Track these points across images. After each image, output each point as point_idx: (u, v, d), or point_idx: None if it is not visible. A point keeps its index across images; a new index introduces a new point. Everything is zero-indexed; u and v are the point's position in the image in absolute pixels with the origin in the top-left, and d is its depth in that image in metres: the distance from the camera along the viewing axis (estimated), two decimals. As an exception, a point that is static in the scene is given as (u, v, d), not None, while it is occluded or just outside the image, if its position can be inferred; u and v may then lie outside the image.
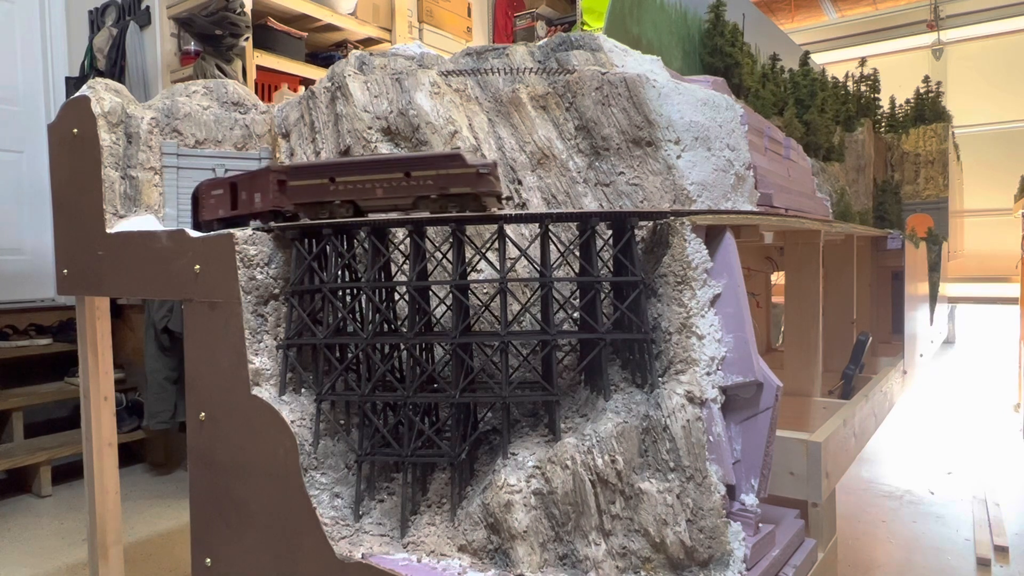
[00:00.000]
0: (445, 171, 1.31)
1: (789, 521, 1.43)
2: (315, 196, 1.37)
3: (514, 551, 1.15)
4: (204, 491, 1.52)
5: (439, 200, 1.32)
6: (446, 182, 1.32)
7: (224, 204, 1.57)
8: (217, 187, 1.59)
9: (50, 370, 4.20)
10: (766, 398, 1.27)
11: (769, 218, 1.51)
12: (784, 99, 3.23)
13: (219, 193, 1.58)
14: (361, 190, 1.35)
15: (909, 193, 4.93)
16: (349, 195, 1.35)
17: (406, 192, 1.34)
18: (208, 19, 3.57)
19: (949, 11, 10.03)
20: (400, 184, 1.33)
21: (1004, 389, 5.90)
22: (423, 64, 1.81)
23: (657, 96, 1.56)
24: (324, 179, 1.35)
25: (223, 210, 1.57)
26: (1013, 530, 3.06)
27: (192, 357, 1.53)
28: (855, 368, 2.52)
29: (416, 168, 1.33)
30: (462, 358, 1.24)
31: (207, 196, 1.62)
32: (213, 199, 1.60)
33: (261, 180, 1.46)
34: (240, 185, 1.53)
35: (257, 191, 1.47)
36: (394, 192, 1.34)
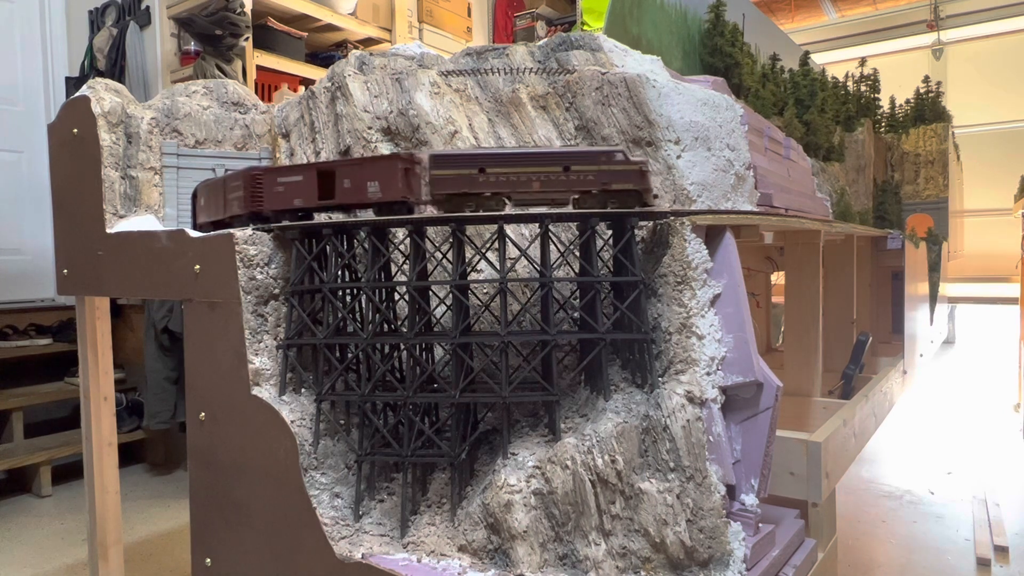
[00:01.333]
0: (608, 167, 1.30)
1: (789, 521, 1.43)
2: (462, 187, 1.30)
3: (514, 551, 1.15)
4: (204, 491, 1.52)
5: (600, 196, 1.31)
6: (609, 178, 1.30)
7: (305, 192, 1.40)
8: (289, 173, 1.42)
9: (50, 370, 4.20)
10: (766, 398, 1.27)
11: (769, 218, 1.51)
12: (784, 99, 3.23)
13: (296, 180, 1.41)
14: (515, 183, 1.31)
15: (909, 193, 4.93)
16: (501, 187, 1.30)
17: (565, 187, 1.32)
18: (208, 19, 3.57)
19: (949, 11, 10.02)
20: (559, 178, 1.31)
21: (1004, 389, 5.90)
22: (423, 64, 1.81)
23: (657, 96, 1.56)
24: (473, 169, 1.29)
25: (302, 199, 1.41)
26: (1013, 530, 3.06)
27: (192, 357, 1.53)
28: (855, 368, 2.52)
29: (577, 162, 1.31)
30: (462, 358, 1.24)
31: (270, 183, 1.42)
32: (282, 186, 1.42)
33: (382, 167, 1.34)
34: (343, 171, 1.37)
35: (373, 179, 1.35)
36: (552, 186, 1.31)
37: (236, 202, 1.46)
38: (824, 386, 2.42)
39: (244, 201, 1.44)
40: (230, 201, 1.48)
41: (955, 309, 7.86)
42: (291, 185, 1.41)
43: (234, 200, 1.47)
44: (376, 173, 1.34)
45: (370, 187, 1.34)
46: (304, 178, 1.40)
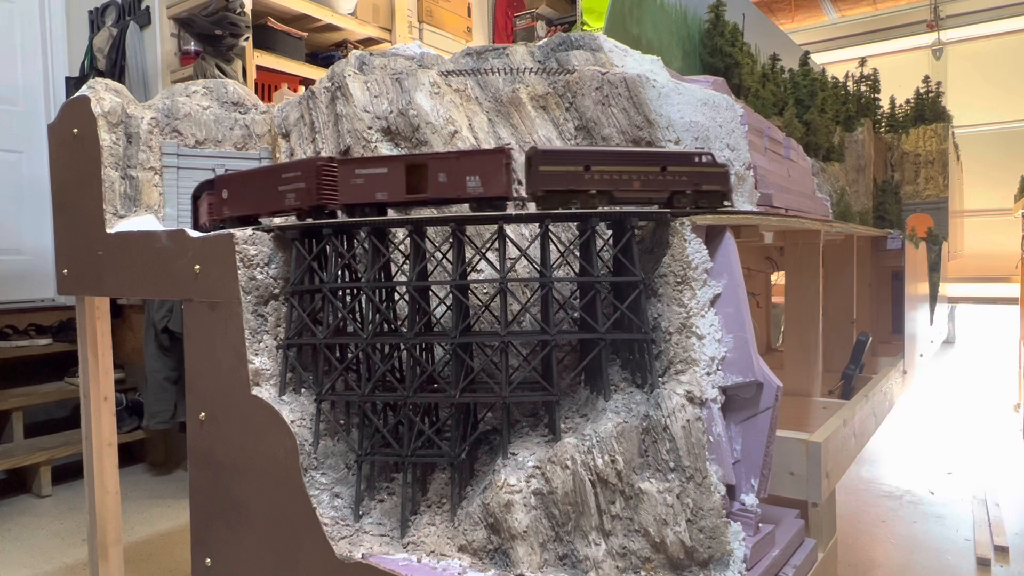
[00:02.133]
0: (700, 168, 1.36)
1: (789, 521, 1.43)
2: (569, 184, 1.31)
3: (514, 551, 1.15)
4: (204, 491, 1.52)
5: (692, 196, 1.36)
6: (700, 179, 1.37)
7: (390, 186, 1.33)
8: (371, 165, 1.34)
9: (50, 370, 4.20)
10: (766, 398, 1.27)
11: (769, 218, 1.51)
12: (784, 99, 3.23)
13: (379, 172, 1.34)
14: (619, 181, 1.34)
15: (909, 193, 4.93)
16: (606, 185, 1.33)
17: (662, 187, 1.36)
18: (208, 19, 3.57)
19: (949, 11, 10.02)
20: (656, 178, 1.36)
21: (1004, 389, 5.90)
22: (423, 64, 1.81)
23: (657, 96, 1.56)
24: (579, 167, 1.31)
25: (387, 193, 1.34)
26: (1013, 530, 3.06)
27: (192, 357, 1.53)
28: (855, 368, 2.52)
29: (674, 163, 1.36)
30: (462, 358, 1.24)
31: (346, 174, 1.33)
32: (361, 178, 1.34)
33: (485, 160, 1.30)
34: (438, 164, 1.31)
35: (474, 173, 1.30)
36: (650, 185, 1.35)
37: (296, 194, 1.36)
38: (824, 386, 2.42)
39: (309, 193, 1.34)
40: (283, 193, 1.38)
41: (955, 309, 7.86)
42: (373, 177, 1.34)
43: (292, 192, 1.37)
44: (477, 167, 1.30)
45: (470, 182, 1.30)
46: (390, 170, 1.33)
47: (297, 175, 1.36)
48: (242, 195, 1.47)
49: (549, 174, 1.30)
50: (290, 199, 1.37)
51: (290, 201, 1.37)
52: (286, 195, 1.38)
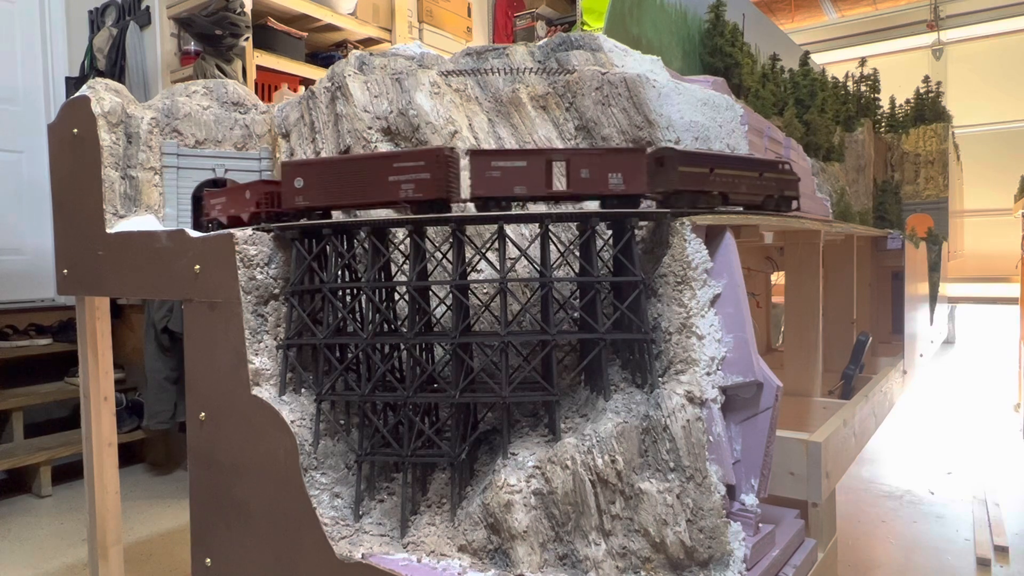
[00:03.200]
0: (782, 175, 1.51)
1: (789, 521, 1.43)
2: (698, 184, 1.35)
3: (514, 551, 1.15)
4: (204, 491, 1.52)
5: (777, 200, 1.50)
6: (783, 185, 1.50)
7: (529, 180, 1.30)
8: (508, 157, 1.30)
9: (50, 370, 4.20)
10: (766, 398, 1.27)
11: (769, 218, 1.51)
12: (784, 99, 3.23)
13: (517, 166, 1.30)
14: (731, 184, 1.42)
15: (909, 193, 4.93)
16: (722, 187, 1.39)
17: (759, 190, 1.47)
18: (208, 19, 3.57)
19: (949, 11, 10.02)
20: (756, 182, 1.46)
21: (1004, 389, 5.90)
22: (423, 64, 1.81)
23: (657, 96, 1.56)
24: (705, 169, 1.37)
25: (525, 187, 1.31)
26: (1013, 530, 3.06)
27: (192, 357, 1.53)
28: (855, 368, 2.52)
29: (768, 169, 1.49)
30: (462, 358, 1.24)
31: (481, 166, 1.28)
32: (498, 171, 1.30)
33: (628, 158, 1.30)
34: (580, 160, 1.30)
35: (617, 170, 1.30)
36: (753, 189, 1.46)
37: (416, 185, 1.29)
38: (824, 386, 2.42)
39: (436, 184, 1.27)
40: (396, 184, 1.30)
41: (955, 309, 7.86)
42: (511, 171, 1.30)
43: (410, 182, 1.30)
44: (620, 164, 1.30)
45: (612, 179, 1.30)
46: (529, 164, 1.30)
47: (419, 164, 1.29)
48: (328, 184, 1.35)
49: (684, 174, 1.33)
50: (407, 190, 1.29)
51: (407, 192, 1.29)
52: (401, 185, 1.30)
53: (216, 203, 1.65)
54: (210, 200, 1.67)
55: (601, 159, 1.30)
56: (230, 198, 1.59)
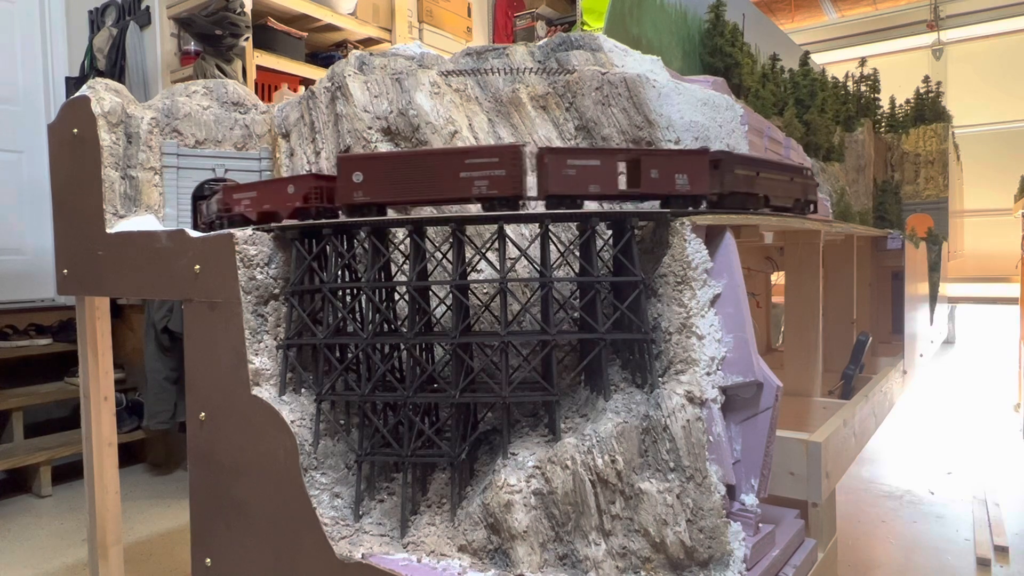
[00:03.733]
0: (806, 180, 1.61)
1: (789, 521, 1.43)
2: (749, 187, 1.42)
3: (514, 551, 1.15)
4: (204, 491, 1.52)
5: (803, 203, 1.60)
6: (808, 190, 1.60)
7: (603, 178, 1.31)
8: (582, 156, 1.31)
9: (50, 370, 4.20)
10: (766, 398, 1.27)
11: (769, 218, 1.51)
12: (784, 99, 3.23)
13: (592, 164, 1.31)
14: (772, 187, 1.49)
15: (909, 193, 4.93)
16: (765, 190, 1.46)
17: (791, 194, 1.57)
18: (208, 19, 3.57)
19: (949, 11, 10.02)
20: (788, 186, 1.55)
21: (1004, 389, 5.90)
22: (423, 64, 1.81)
23: (657, 96, 1.56)
24: (754, 172, 1.43)
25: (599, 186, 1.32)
26: (1013, 530, 3.06)
27: (192, 357, 1.53)
28: (855, 368, 2.52)
29: (797, 175, 1.60)
30: (462, 358, 1.24)
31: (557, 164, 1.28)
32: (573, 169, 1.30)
33: (692, 160, 1.34)
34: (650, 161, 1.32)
35: (682, 171, 1.34)
36: (786, 192, 1.55)
37: (490, 181, 1.27)
38: (824, 386, 2.42)
39: (513, 181, 1.26)
40: (469, 180, 1.28)
41: (955, 309, 7.86)
42: (586, 169, 1.30)
43: (484, 179, 1.27)
44: (685, 166, 1.33)
45: (678, 179, 1.33)
46: (603, 163, 1.31)
47: (494, 161, 1.26)
48: (392, 179, 1.31)
49: (737, 177, 1.39)
50: (480, 187, 1.27)
51: (480, 189, 1.27)
52: (474, 182, 1.27)
53: (242, 198, 1.53)
54: (232, 195, 1.55)
55: (669, 160, 1.33)
56: (264, 192, 1.49)
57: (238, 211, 1.54)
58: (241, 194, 1.54)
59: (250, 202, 1.52)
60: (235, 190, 1.56)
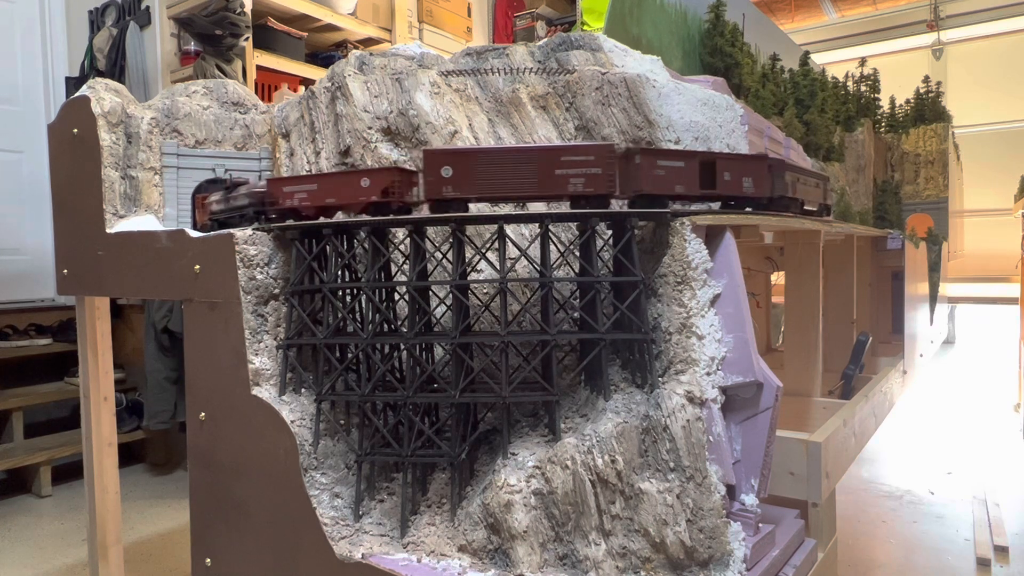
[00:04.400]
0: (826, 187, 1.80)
1: (789, 521, 1.43)
2: (793, 191, 1.54)
3: (514, 551, 1.15)
4: (204, 491, 1.52)
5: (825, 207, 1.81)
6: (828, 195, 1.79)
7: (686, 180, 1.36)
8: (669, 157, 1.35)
9: (50, 370, 4.20)
10: (766, 398, 1.27)
11: (769, 218, 1.51)
12: (784, 99, 3.23)
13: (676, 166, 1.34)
14: (807, 191, 1.62)
15: (909, 193, 4.93)
16: (802, 194, 1.61)
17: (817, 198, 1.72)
18: (208, 19, 3.57)
19: (949, 11, 10.02)
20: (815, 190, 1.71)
21: (1004, 389, 5.90)
22: (423, 64, 1.81)
23: (657, 96, 1.56)
24: (796, 177, 1.58)
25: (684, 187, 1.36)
26: (1013, 530, 3.06)
27: (192, 357, 1.53)
28: (855, 368, 2.52)
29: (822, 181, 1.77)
30: (462, 358, 1.24)
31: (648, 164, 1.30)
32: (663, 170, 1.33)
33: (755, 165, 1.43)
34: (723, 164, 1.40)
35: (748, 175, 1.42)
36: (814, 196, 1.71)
37: (586, 179, 1.28)
38: (824, 386, 2.41)
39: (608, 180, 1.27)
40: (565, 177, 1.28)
41: (955, 309, 7.86)
42: (672, 170, 1.34)
43: (578, 177, 1.28)
44: (751, 170, 1.42)
45: (745, 183, 1.41)
46: (686, 165, 1.35)
47: (589, 159, 1.28)
48: (484, 174, 1.29)
49: (785, 182, 1.50)
50: (576, 184, 1.27)
51: (575, 187, 1.27)
52: (569, 179, 1.28)
53: (295, 191, 1.43)
54: (281, 187, 1.44)
55: (738, 164, 1.41)
56: (329, 185, 1.40)
57: (289, 205, 1.43)
58: (294, 186, 1.43)
59: (307, 195, 1.42)
60: (284, 182, 1.45)
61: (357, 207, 1.36)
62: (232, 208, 1.59)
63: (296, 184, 1.43)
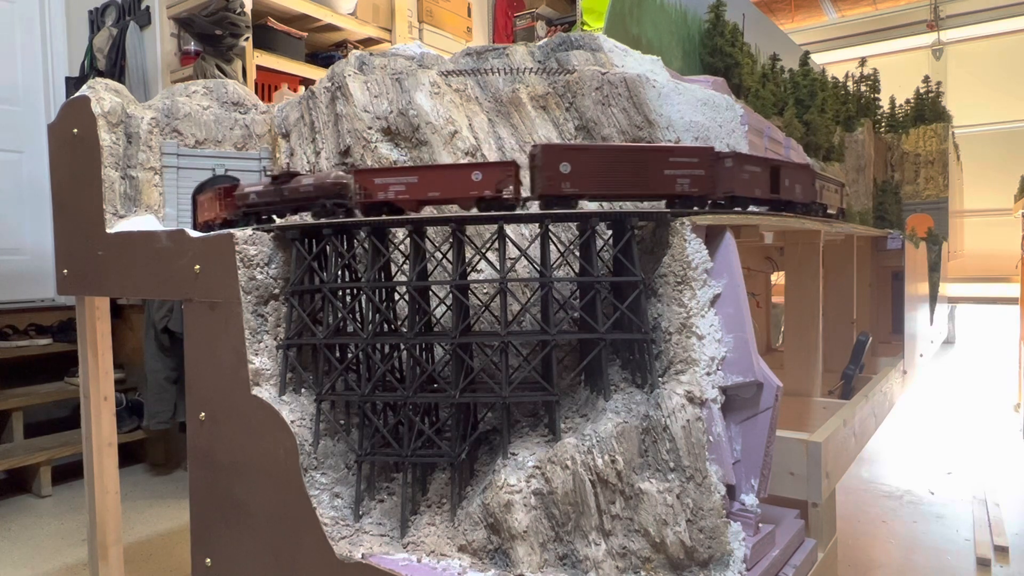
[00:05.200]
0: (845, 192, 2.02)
1: (789, 521, 1.43)
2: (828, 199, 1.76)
3: (514, 551, 1.15)
4: (204, 491, 1.52)
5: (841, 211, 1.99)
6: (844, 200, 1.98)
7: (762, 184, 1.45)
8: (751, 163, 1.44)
9: (50, 370, 4.20)
10: (766, 398, 1.27)
11: (769, 218, 1.51)
12: (784, 99, 3.23)
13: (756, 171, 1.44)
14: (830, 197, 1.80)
15: (909, 193, 4.93)
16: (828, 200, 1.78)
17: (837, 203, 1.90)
18: (208, 19, 3.57)
19: (949, 11, 10.02)
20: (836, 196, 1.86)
21: (1004, 389, 5.90)
22: (423, 64, 1.81)
23: (657, 96, 1.56)
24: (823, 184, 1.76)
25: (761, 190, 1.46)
26: (1013, 530, 3.06)
27: (192, 357, 1.53)
28: (855, 368, 2.52)
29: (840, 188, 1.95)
30: (462, 358, 1.24)
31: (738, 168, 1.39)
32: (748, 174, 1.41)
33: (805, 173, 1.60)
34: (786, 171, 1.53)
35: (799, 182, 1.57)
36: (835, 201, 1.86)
37: (691, 180, 1.34)
38: (824, 386, 2.41)
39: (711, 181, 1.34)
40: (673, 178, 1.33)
41: (955, 309, 7.85)
42: (753, 175, 1.42)
43: (684, 178, 1.33)
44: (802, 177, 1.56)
45: (797, 188, 1.55)
46: (761, 170, 1.44)
47: (694, 160, 1.34)
48: (600, 172, 1.31)
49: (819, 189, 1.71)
50: (683, 185, 1.33)
51: (682, 187, 1.33)
52: (677, 180, 1.33)
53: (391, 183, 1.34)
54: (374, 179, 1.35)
55: (792, 171, 1.54)
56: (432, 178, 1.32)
57: (382, 198, 1.34)
58: (389, 178, 1.35)
59: (405, 188, 1.34)
60: (376, 173, 1.36)
61: (466, 202, 1.32)
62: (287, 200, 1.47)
63: (392, 176, 1.35)
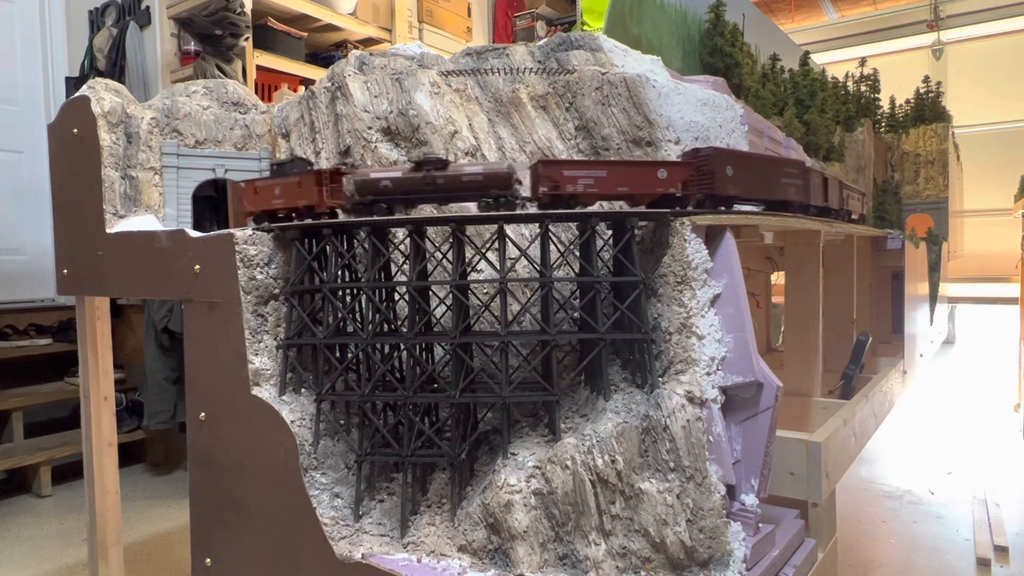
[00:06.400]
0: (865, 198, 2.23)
1: (789, 521, 1.43)
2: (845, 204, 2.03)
3: (514, 551, 1.15)
4: (204, 491, 1.52)
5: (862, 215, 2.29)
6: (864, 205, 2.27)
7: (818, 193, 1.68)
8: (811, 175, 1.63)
9: (50, 370, 4.20)
10: (766, 398, 1.27)
11: (769, 218, 1.51)
12: (784, 99, 3.23)
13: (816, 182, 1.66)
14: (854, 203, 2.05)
15: (909, 193, 4.93)
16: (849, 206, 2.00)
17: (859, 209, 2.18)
18: (208, 19, 3.57)
19: (949, 11, 10.02)
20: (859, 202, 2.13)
21: (1004, 389, 5.90)
22: (423, 64, 1.81)
23: (657, 96, 1.56)
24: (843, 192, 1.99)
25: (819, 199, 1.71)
26: (1013, 530, 3.06)
27: (192, 357, 1.53)
28: (855, 368, 2.52)
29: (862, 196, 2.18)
30: (462, 358, 1.24)
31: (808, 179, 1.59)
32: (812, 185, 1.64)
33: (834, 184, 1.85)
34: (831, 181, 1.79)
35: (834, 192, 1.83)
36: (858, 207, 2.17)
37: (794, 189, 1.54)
38: (824, 386, 2.41)
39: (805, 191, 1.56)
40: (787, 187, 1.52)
41: (955, 309, 7.85)
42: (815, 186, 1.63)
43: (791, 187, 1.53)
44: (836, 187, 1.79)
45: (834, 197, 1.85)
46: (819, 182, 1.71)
47: (795, 171, 1.55)
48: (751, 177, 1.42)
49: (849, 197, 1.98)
50: (790, 191, 1.53)
51: (790, 194, 1.53)
52: (788, 187, 1.53)
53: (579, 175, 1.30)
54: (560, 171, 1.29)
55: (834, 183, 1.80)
56: (620, 173, 1.31)
57: (570, 190, 1.30)
58: (579, 171, 1.31)
59: (594, 182, 1.31)
60: (564, 165, 1.31)
61: (649, 198, 1.34)
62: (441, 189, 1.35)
63: (581, 168, 1.32)
